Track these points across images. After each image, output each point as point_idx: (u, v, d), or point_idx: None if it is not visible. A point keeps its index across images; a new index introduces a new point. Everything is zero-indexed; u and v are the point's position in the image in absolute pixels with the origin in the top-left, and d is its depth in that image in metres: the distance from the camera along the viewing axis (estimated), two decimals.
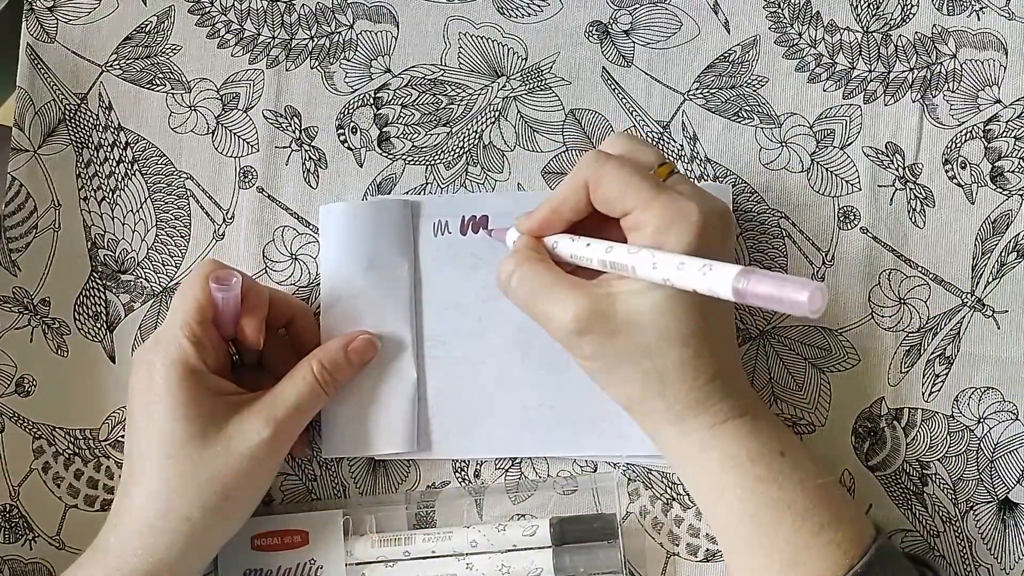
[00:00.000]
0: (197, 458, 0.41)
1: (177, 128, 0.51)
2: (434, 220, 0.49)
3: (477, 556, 0.46)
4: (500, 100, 0.51)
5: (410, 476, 0.48)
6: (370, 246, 0.48)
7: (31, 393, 0.49)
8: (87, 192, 0.51)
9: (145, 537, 0.41)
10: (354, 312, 0.48)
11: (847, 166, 0.50)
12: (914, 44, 0.51)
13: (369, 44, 0.52)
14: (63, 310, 0.50)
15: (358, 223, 0.48)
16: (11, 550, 0.48)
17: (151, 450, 0.42)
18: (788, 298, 0.31)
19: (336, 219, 0.49)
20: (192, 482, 0.41)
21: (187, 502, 0.41)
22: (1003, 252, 0.49)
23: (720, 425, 0.40)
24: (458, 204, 0.49)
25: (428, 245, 0.49)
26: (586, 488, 0.48)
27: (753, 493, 0.39)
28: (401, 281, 0.48)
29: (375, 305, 0.48)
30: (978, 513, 0.47)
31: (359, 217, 0.48)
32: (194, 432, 0.41)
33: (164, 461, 0.41)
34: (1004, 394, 0.48)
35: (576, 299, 0.39)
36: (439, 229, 0.49)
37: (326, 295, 0.48)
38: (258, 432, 0.42)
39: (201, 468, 0.41)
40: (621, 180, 0.39)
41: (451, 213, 0.49)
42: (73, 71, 0.52)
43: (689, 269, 0.35)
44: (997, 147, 0.50)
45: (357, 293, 0.48)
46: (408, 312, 0.48)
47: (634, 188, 0.39)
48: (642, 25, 0.51)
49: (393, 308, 0.48)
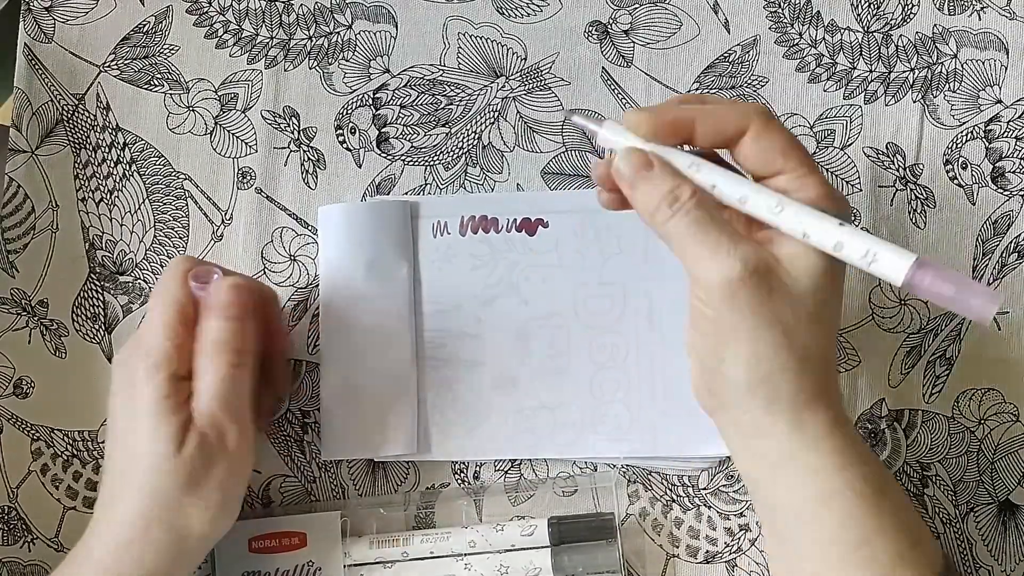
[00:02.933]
0: (180, 467, 0.40)
1: (175, 129, 0.51)
2: (433, 221, 0.49)
3: (475, 556, 0.46)
4: (499, 100, 0.51)
5: (409, 478, 0.48)
6: (369, 247, 0.48)
7: (29, 395, 0.49)
8: (85, 193, 0.51)
9: (133, 548, 0.40)
10: (353, 313, 0.48)
11: (848, 167, 0.50)
12: (915, 44, 0.51)
13: (368, 44, 0.51)
14: (61, 311, 0.50)
15: (357, 224, 0.48)
16: (9, 552, 0.48)
17: (135, 462, 0.40)
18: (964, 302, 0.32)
19: (335, 220, 0.48)
20: (175, 492, 0.40)
21: (172, 513, 0.40)
22: (1004, 253, 0.49)
23: (842, 420, 0.37)
24: (457, 204, 0.49)
25: (427, 246, 0.49)
26: (586, 489, 0.48)
27: (863, 498, 0.36)
28: (400, 282, 0.48)
29: (374, 306, 0.48)
30: (978, 515, 0.47)
31: (358, 218, 0.48)
32: (177, 441, 0.40)
33: (148, 474, 0.40)
34: (1005, 395, 0.48)
35: (743, 250, 0.35)
36: (438, 230, 0.49)
37: (325, 297, 0.48)
38: None
39: (184, 477, 0.40)
40: (790, 138, 0.37)
41: (450, 214, 0.49)
42: (71, 71, 0.52)
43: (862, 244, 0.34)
44: (998, 147, 0.50)
45: (356, 294, 0.48)
46: (408, 313, 0.48)
47: (799, 152, 0.37)
48: (642, 25, 0.51)
49: (392, 309, 0.48)
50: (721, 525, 0.47)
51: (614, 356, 0.47)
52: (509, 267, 0.48)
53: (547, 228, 0.48)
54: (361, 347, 0.48)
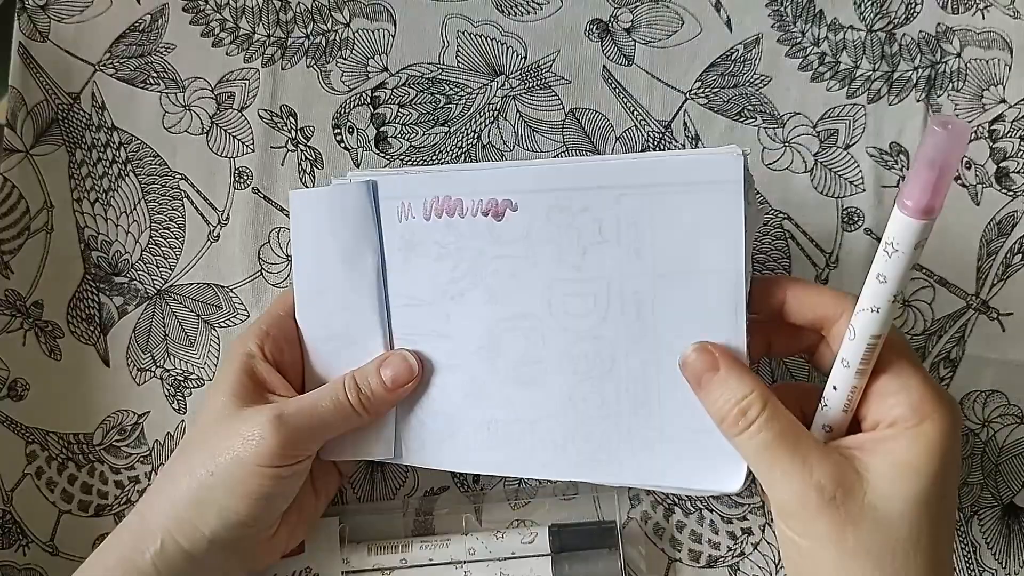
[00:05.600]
0: (205, 426, 0.40)
1: (171, 128, 0.51)
2: (397, 203, 0.42)
3: (475, 564, 0.45)
4: (499, 99, 0.50)
5: (408, 482, 0.48)
6: (338, 235, 0.43)
7: (24, 397, 0.49)
8: (80, 193, 0.50)
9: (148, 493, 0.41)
10: (326, 309, 0.44)
11: (851, 166, 0.49)
12: (918, 43, 0.50)
13: (366, 42, 0.51)
14: (56, 313, 0.49)
15: (325, 210, 0.43)
16: (4, 556, 0.48)
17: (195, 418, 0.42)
18: None
19: (305, 205, 0.44)
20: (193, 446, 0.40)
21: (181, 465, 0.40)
22: (1008, 254, 0.48)
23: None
24: (418, 184, 0.42)
25: (392, 231, 0.43)
26: (586, 493, 0.47)
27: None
28: (368, 274, 0.43)
29: (346, 300, 0.43)
30: (983, 518, 0.47)
31: (322, 204, 0.43)
32: (218, 405, 0.41)
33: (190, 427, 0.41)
34: (1009, 397, 0.47)
35: (819, 474, 0.33)
36: (403, 213, 0.42)
37: (300, 291, 0.44)
38: (261, 416, 0.40)
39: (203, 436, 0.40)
40: None
41: (414, 195, 0.42)
42: (66, 70, 0.51)
43: None
44: (1002, 147, 0.49)
45: (327, 287, 0.43)
46: (378, 307, 0.43)
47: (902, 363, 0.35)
48: (643, 23, 0.51)
49: (364, 303, 0.43)
50: (724, 529, 0.47)
51: (597, 365, 0.40)
52: (474, 257, 0.41)
53: (516, 212, 0.40)
54: (336, 344, 0.44)
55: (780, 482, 0.34)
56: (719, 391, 0.36)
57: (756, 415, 0.35)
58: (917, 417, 0.34)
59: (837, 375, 0.36)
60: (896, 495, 0.33)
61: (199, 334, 0.49)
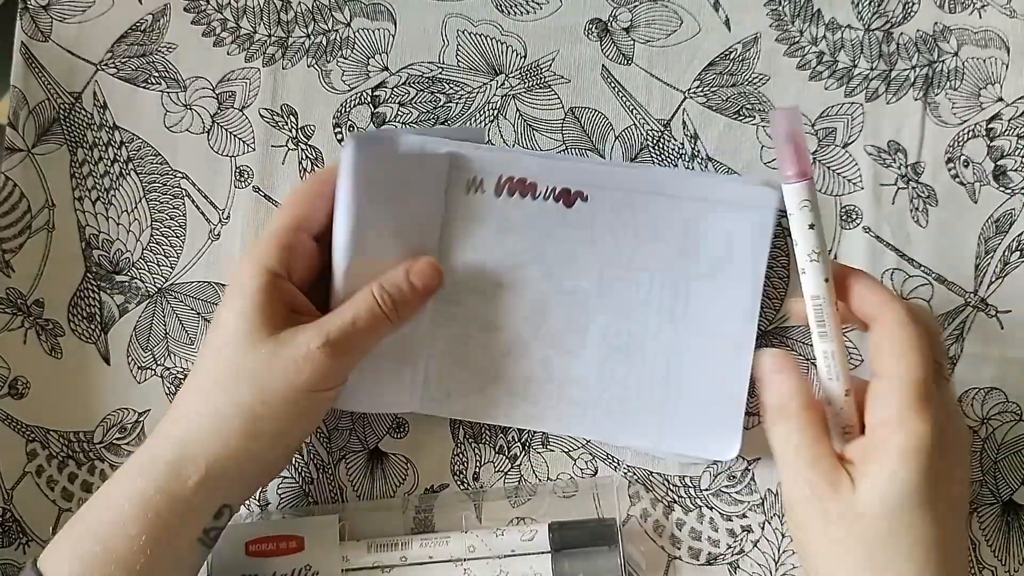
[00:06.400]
0: (242, 355, 0.40)
1: (172, 127, 0.51)
2: (469, 176, 0.46)
3: (475, 561, 0.45)
4: (499, 98, 0.50)
5: (408, 479, 0.48)
6: (400, 198, 0.45)
7: (24, 395, 0.49)
8: (81, 192, 0.50)
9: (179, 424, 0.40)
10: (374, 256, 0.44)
11: (849, 165, 0.49)
12: (916, 42, 0.50)
13: (366, 42, 0.51)
14: (57, 311, 0.49)
15: (392, 172, 0.44)
16: (5, 554, 0.48)
17: (208, 340, 0.42)
18: None
19: (365, 160, 0.43)
20: (231, 377, 0.40)
21: (224, 397, 0.40)
22: (1006, 251, 0.49)
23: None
24: (497, 163, 0.46)
25: (458, 200, 0.46)
26: (586, 491, 0.47)
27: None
28: (429, 234, 0.46)
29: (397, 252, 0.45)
30: (982, 515, 0.47)
31: (394, 167, 0.45)
32: (248, 329, 0.40)
33: (213, 354, 0.41)
34: (1008, 395, 0.48)
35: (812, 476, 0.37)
36: (473, 186, 0.46)
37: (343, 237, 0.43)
38: (308, 342, 0.40)
39: (244, 365, 0.40)
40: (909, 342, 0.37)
41: (488, 171, 0.46)
42: (68, 70, 0.51)
43: None
44: (1000, 146, 0.49)
45: (377, 236, 0.44)
46: None
47: None
48: (642, 22, 0.51)
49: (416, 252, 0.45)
50: (723, 526, 0.47)
51: (630, 343, 0.46)
52: (539, 236, 0.46)
53: (586, 202, 0.46)
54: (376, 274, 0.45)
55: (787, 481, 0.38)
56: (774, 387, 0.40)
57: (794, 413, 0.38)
58: (900, 419, 0.36)
59: None
60: (876, 495, 0.35)
61: (200, 332, 0.49)
